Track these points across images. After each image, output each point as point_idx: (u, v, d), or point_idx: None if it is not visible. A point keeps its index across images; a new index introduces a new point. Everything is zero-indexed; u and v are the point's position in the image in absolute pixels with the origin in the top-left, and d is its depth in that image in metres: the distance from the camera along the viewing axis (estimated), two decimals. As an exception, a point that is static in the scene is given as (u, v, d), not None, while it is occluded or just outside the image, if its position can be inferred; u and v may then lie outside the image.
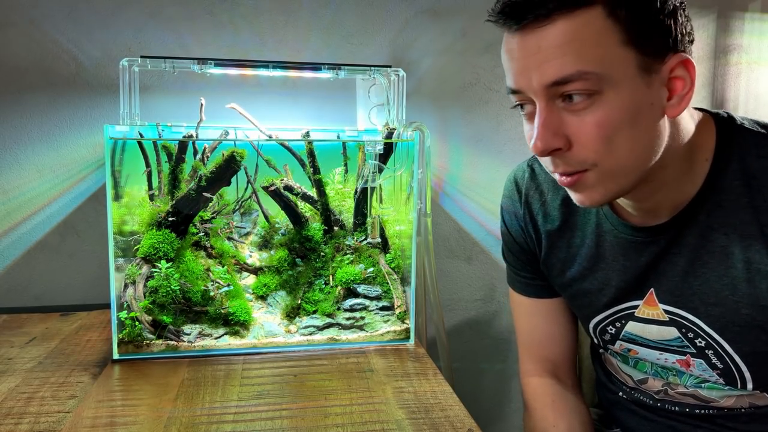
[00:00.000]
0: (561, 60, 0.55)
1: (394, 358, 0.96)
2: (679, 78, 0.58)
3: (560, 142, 0.58)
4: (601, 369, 0.88)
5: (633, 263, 0.71)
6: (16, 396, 0.80)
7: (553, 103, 0.58)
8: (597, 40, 0.55)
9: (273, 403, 0.79)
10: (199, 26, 1.18)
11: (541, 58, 0.56)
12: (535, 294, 0.85)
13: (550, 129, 0.58)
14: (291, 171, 1.05)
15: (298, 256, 1.05)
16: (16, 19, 1.12)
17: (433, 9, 1.26)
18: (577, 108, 0.57)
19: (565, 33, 0.55)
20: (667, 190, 0.65)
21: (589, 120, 0.57)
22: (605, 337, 0.78)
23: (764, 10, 1.43)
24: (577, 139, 0.58)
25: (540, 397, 0.83)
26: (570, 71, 0.55)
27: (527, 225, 0.81)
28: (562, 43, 0.55)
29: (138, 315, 0.93)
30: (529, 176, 0.81)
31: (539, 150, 0.59)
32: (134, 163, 0.97)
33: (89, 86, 1.16)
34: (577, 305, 0.80)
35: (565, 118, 0.58)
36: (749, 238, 0.63)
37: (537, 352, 0.85)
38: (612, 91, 0.56)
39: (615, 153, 0.58)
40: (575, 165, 0.59)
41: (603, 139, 0.57)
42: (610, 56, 0.55)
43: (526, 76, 0.58)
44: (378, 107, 1.12)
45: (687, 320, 0.69)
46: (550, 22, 0.55)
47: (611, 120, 0.56)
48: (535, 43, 0.56)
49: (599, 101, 0.56)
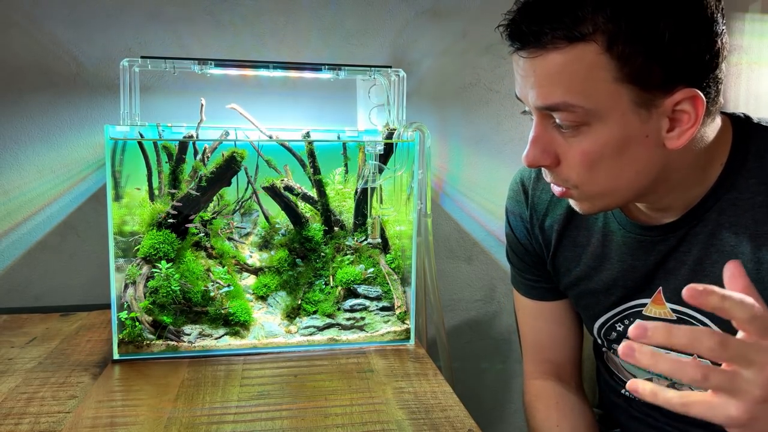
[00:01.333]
0: (549, 89, 0.56)
1: (395, 359, 0.96)
2: (684, 112, 0.56)
3: (548, 159, 0.60)
4: (604, 368, 0.87)
5: (642, 262, 0.70)
6: (16, 396, 0.80)
7: (547, 122, 0.60)
8: (587, 76, 0.55)
9: (273, 404, 0.79)
10: (199, 27, 1.18)
11: (533, 83, 0.58)
12: (539, 296, 0.84)
13: (539, 146, 0.60)
14: (291, 171, 1.05)
15: (298, 256, 1.05)
16: (16, 19, 1.12)
17: (434, 9, 1.26)
18: (565, 135, 0.59)
19: (555, 65, 0.55)
20: (678, 191, 0.64)
21: (575, 147, 0.58)
22: (611, 336, 0.78)
23: (764, 11, 1.43)
24: (564, 160, 0.60)
25: (543, 398, 0.82)
26: (556, 101, 0.56)
27: (533, 227, 0.80)
28: (552, 74, 0.56)
29: (138, 315, 0.93)
30: (535, 176, 0.80)
31: (526, 163, 0.62)
32: (134, 163, 0.97)
33: (90, 86, 1.16)
34: (583, 305, 0.80)
35: (556, 138, 0.60)
36: (761, 238, 0.62)
37: (541, 355, 0.85)
38: (599, 124, 0.56)
39: (595, 180, 0.60)
40: (560, 182, 0.62)
41: (585, 166, 0.59)
42: (599, 92, 0.55)
43: (524, 92, 0.60)
44: (378, 108, 1.12)
45: (695, 319, 0.68)
46: (544, 53, 0.56)
47: (595, 151, 0.58)
48: (530, 66, 0.58)
49: (585, 132, 0.57)
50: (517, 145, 1.34)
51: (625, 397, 0.82)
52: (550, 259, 0.80)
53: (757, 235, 0.62)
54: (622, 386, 0.83)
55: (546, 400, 0.82)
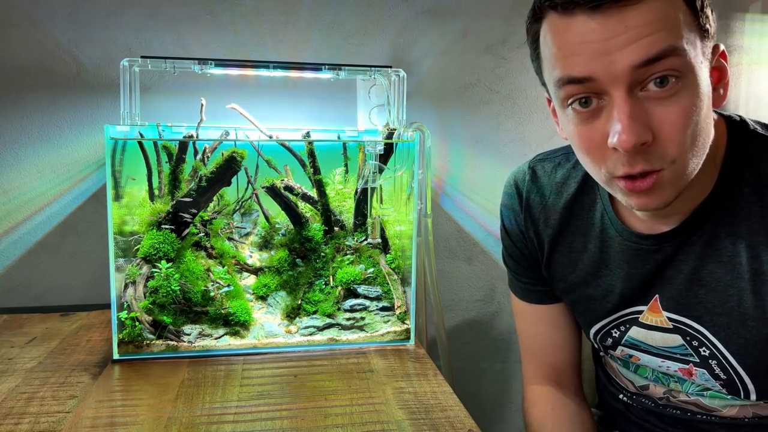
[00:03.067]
0: (654, 36, 0.52)
1: (395, 359, 0.96)
2: (718, 68, 0.58)
3: (649, 134, 0.54)
4: (602, 372, 0.87)
5: (638, 270, 0.69)
6: (16, 396, 0.80)
7: (634, 93, 0.54)
8: (682, 21, 0.54)
9: (273, 404, 0.79)
10: (199, 26, 1.18)
11: (629, 37, 0.52)
12: (537, 300, 0.82)
13: (638, 120, 0.54)
14: (291, 171, 1.05)
15: (298, 256, 1.05)
16: (17, 19, 1.12)
17: (434, 10, 1.26)
18: (665, 94, 0.54)
19: (656, 10, 0.52)
20: (683, 192, 0.63)
21: (675, 109, 0.54)
22: (606, 342, 0.77)
23: (765, 11, 1.43)
24: (661, 131, 0.54)
25: (540, 404, 0.81)
26: (664, 46, 0.52)
27: (528, 229, 0.79)
28: (654, 20, 0.52)
29: (138, 315, 0.93)
30: (530, 178, 0.78)
31: (630, 144, 0.53)
32: (135, 163, 0.97)
33: (90, 86, 1.16)
34: (579, 311, 0.79)
35: (649, 109, 0.54)
36: (758, 248, 0.61)
37: (540, 358, 0.84)
38: (693, 76, 0.54)
39: (695, 146, 0.56)
40: (656, 162, 0.55)
41: (688, 129, 0.55)
42: (690, 39, 0.54)
43: (607, 61, 0.53)
44: (378, 108, 1.12)
45: (692, 328, 0.68)
46: (639, 1, 0.53)
47: (694, 108, 0.54)
48: (620, 23, 0.53)
49: (685, 87, 0.54)
50: (518, 146, 1.34)
51: (623, 402, 0.82)
52: (545, 264, 0.79)
53: (753, 245, 0.62)
54: (621, 391, 0.82)
55: (542, 406, 0.81)
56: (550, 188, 0.77)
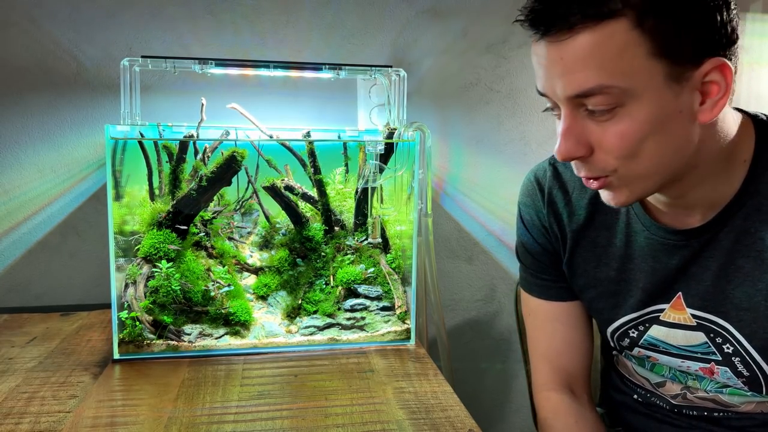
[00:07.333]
0: (582, 74, 0.54)
1: (395, 359, 0.96)
2: (714, 83, 0.56)
3: (582, 150, 0.59)
4: (614, 371, 0.86)
5: (662, 266, 0.69)
6: (16, 396, 0.80)
7: (577, 111, 0.58)
8: (621, 53, 0.53)
9: (273, 404, 0.79)
10: (199, 26, 1.18)
11: (563, 70, 0.56)
12: (556, 296, 0.81)
13: (572, 137, 0.58)
14: (292, 171, 1.05)
15: (298, 256, 1.05)
16: (17, 19, 1.12)
17: (434, 9, 1.26)
18: (599, 120, 0.57)
19: (587, 46, 0.54)
20: (702, 188, 0.63)
21: (610, 131, 0.57)
22: (623, 342, 0.76)
23: (765, 11, 1.43)
24: (599, 147, 0.58)
25: (562, 416, 0.79)
26: (591, 85, 0.54)
27: (551, 224, 0.78)
28: (583, 57, 0.54)
29: (138, 315, 0.93)
30: (551, 174, 0.78)
31: (561, 157, 0.59)
32: (135, 163, 0.97)
33: (90, 86, 1.16)
34: (598, 308, 0.78)
35: (589, 126, 0.58)
36: None
37: (555, 362, 0.81)
38: (635, 104, 0.55)
39: (636, 161, 0.58)
40: (597, 171, 0.60)
41: (625, 148, 0.57)
42: (634, 69, 0.54)
43: (551, 84, 0.58)
44: (379, 107, 1.12)
45: (717, 325, 0.67)
46: (572, 34, 0.54)
47: (633, 132, 0.56)
48: (557, 53, 0.55)
49: (621, 114, 0.56)
50: (518, 145, 1.34)
51: (634, 400, 0.81)
52: (567, 259, 0.78)
53: None
54: (635, 390, 0.81)
55: (565, 419, 0.78)
56: (573, 184, 0.77)
